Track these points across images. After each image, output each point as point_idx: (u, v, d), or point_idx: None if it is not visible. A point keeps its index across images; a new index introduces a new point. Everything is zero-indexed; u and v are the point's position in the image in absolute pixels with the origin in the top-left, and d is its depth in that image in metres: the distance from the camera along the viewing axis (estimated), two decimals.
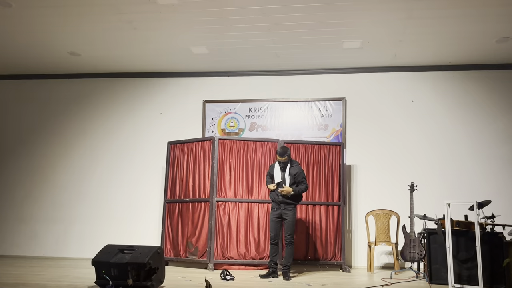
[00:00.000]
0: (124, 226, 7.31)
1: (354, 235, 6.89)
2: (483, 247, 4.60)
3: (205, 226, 6.13)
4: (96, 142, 7.71)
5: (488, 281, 4.65)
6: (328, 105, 7.27)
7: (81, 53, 7.02)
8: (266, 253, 6.09)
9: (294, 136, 7.19)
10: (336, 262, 6.19)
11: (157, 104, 7.69)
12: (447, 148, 6.91)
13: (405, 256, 5.67)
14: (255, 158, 6.37)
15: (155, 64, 7.38)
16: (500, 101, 6.92)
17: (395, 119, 7.11)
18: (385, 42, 6.36)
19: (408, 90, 7.16)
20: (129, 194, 7.44)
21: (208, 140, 6.39)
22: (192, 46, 6.65)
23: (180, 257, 6.26)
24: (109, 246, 4.35)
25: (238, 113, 7.46)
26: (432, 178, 6.81)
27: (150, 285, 3.91)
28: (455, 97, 7.04)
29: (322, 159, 6.48)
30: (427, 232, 5.09)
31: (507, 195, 6.59)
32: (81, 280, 4.55)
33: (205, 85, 7.62)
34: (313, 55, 6.87)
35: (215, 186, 6.15)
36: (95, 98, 7.86)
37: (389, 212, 6.40)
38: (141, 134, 7.63)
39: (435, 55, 6.74)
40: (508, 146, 6.79)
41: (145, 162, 7.50)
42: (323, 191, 6.39)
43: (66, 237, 7.45)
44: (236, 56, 6.95)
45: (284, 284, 4.61)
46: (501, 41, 6.16)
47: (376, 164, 7.02)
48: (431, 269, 4.94)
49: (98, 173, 7.60)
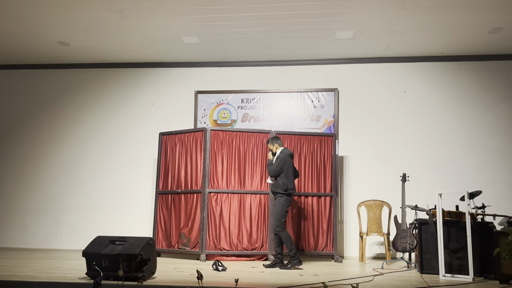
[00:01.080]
0: (115, 218, 7.27)
1: (346, 226, 6.91)
2: (473, 237, 4.64)
3: (197, 217, 6.11)
4: (86, 133, 7.63)
5: (478, 270, 4.69)
6: (320, 96, 7.25)
7: (70, 43, 6.92)
8: (259, 243, 6.10)
9: (287, 127, 7.17)
10: (328, 253, 6.21)
11: (148, 94, 7.62)
12: (439, 139, 6.93)
13: (396, 246, 5.70)
14: (247, 149, 6.34)
15: (146, 54, 7.30)
16: (492, 92, 6.94)
17: (387, 110, 7.11)
18: (378, 33, 6.33)
19: (401, 81, 7.15)
20: (121, 185, 7.39)
21: (200, 131, 6.35)
22: (183, 36, 6.58)
23: (172, 248, 6.25)
24: (100, 237, 4.31)
25: (230, 104, 7.41)
26: (424, 168, 6.83)
27: (141, 276, 3.88)
28: (447, 88, 7.05)
29: (315, 150, 6.47)
30: (419, 223, 5.12)
31: (497, 186, 6.64)
32: (71, 271, 4.52)
33: (197, 75, 7.56)
34: (306, 46, 6.83)
35: (207, 177, 6.12)
36: (86, 88, 7.77)
37: (381, 202, 6.41)
38: (132, 125, 7.56)
39: (428, 46, 6.72)
40: (498, 137, 6.82)
41: (137, 153, 7.45)
42: (315, 182, 6.39)
43: (57, 229, 7.39)
44: (228, 46, 6.89)
45: (276, 274, 4.61)
46: (493, 31, 6.16)
47: (368, 155, 7.03)
48: (422, 259, 4.97)
49: (89, 164, 7.53)
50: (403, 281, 4.29)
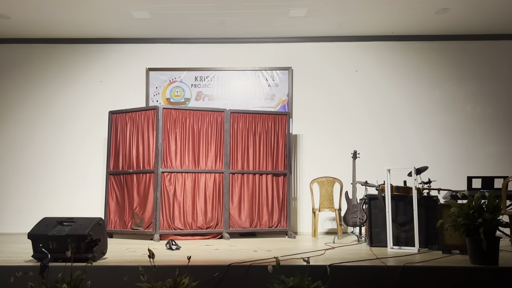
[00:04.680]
0: (65, 200, 7.04)
1: (299, 203, 7.03)
2: (419, 210, 4.85)
3: (150, 197, 6.01)
4: (32, 113, 7.27)
5: (424, 242, 4.91)
6: (275, 74, 7.24)
7: (10, 16, 6.50)
8: (214, 222, 6.10)
9: (241, 106, 7.13)
10: (282, 229, 6.31)
11: (97, 72, 7.33)
12: (388, 117, 7.13)
13: (347, 221, 5.86)
14: (201, 128, 6.27)
15: (94, 29, 6.99)
16: (438, 71, 7.19)
17: (340, 88, 7.22)
18: (330, 11, 6.36)
19: (353, 60, 7.26)
20: (70, 166, 7.14)
21: (152, 110, 6.20)
22: (133, 11, 6.34)
23: (125, 229, 6.13)
24: (46, 218, 4.16)
25: (184, 82, 7.27)
26: (373, 146, 7.03)
27: (91, 257, 3.79)
28: (396, 67, 7.23)
29: (269, 128, 6.49)
30: (368, 198, 5.27)
31: (442, 162, 6.95)
32: (17, 255, 4.35)
33: (148, 52, 7.34)
34: (260, 23, 6.77)
35: (160, 157, 6.02)
36: (30, 65, 7.36)
37: (333, 179, 6.56)
38: (80, 103, 7.27)
39: (378, 25, 6.84)
40: (444, 115, 7.11)
41: (86, 132, 7.19)
42: (270, 160, 6.43)
43: (2, 213, 7.07)
44: (180, 22, 6.72)
45: (230, 251, 4.64)
46: (440, 12, 6.34)
47: (321, 133, 7.14)
48: (371, 233, 5.14)
49: (36, 145, 7.20)
50: (353, 254, 4.43)
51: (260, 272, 3.54)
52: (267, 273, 3.21)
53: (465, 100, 7.13)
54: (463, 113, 7.10)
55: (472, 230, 3.71)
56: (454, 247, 4.50)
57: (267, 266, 3.16)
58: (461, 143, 7.03)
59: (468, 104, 7.12)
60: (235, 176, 6.28)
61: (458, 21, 6.67)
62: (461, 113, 7.10)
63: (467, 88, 7.14)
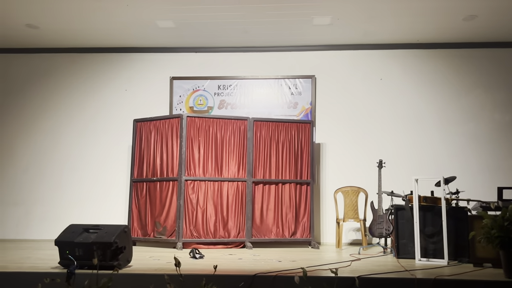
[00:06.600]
0: (89, 207, 7.10)
1: (323, 212, 6.93)
2: (448, 221, 4.71)
3: (173, 205, 6.01)
4: (58, 121, 7.39)
5: (453, 254, 4.77)
6: (298, 82, 7.21)
7: (39, 26, 6.65)
8: (235, 231, 6.06)
9: (264, 114, 7.11)
10: (305, 239, 6.22)
11: (122, 80, 7.42)
12: (414, 126, 7.01)
13: (373, 232, 5.75)
14: (224, 136, 6.27)
15: (119, 38, 7.09)
16: (465, 79, 7.04)
17: (364, 97, 7.14)
18: (355, 19, 6.31)
19: (377, 68, 7.18)
20: (94, 174, 7.21)
21: (176, 118, 6.23)
22: (158, 20, 6.41)
23: (148, 237, 6.14)
24: (73, 225, 4.18)
25: (207, 91, 7.30)
26: (399, 155, 6.91)
27: (117, 265, 3.79)
28: (422, 75, 7.11)
29: (292, 137, 6.45)
30: (395, 208, 5.16)
31: (471, 171, 6.77)
32: (44, 261, 4.38)
33: (172, 61, 7.40)
34: (283, 32, 6.76)
35: (183, 165, 6.03)
36: (56, 74, 7.50)
37: (358, 189, 6.46)
38: (105, 112, 7.36)
39: (404, 33, 6.75)
40: (471, 124, 6.94)
41: (111, 140, 7.26)
42: (293, 169, 6.37)
43: (28, 219, 7.16)
44: (204, 31, 6.76)
45: (254, 261, 4.58)
46: (468, 19, 6.22)
47: (345, 142, 7.05)
48: (398, 244, 5.02)
49: (61, 153, 7.31)
50: (381, 265, 4.32)
51: (286, 283, 3.47)
52: (293, 284, 3.14)
53: (494, 109, 6.95)
54: (492, 122, 6.93)
55: (507, 243, 3.58)
56: (486, 260, 4.35)
57: (293, 277, 3.09)
58: (489, 152, 6.85)
59: (497, 113, 6.95)
60: (258, 184, 6.24)
61: (486, 28, 6.53)
62: (490, 122, 6.93)
63: (495, 96, 6.97)
